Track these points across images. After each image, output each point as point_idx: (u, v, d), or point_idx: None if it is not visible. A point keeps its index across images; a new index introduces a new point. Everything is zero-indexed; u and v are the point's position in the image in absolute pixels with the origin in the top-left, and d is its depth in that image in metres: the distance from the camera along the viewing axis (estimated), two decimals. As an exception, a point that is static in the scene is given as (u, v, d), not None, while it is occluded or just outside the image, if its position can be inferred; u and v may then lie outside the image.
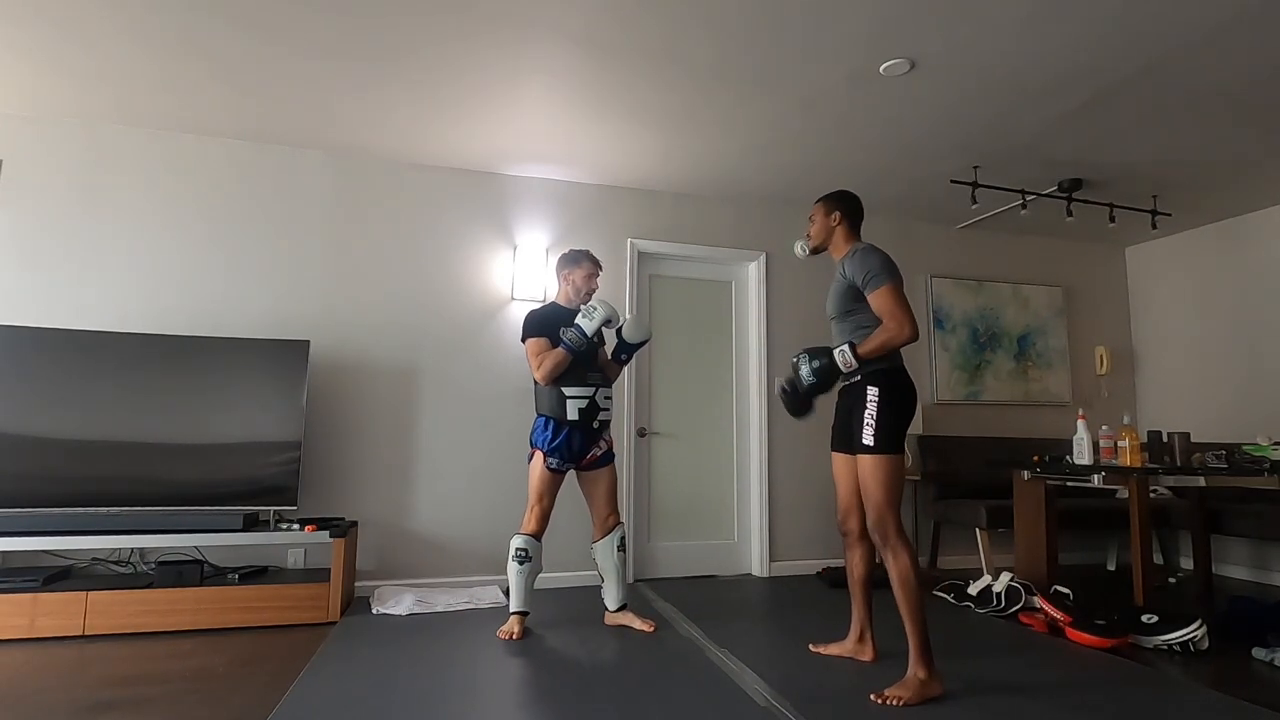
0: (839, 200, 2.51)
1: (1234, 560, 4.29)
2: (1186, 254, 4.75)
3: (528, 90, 2.98)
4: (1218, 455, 3.28)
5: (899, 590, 2.17)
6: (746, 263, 4.33)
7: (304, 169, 3.62)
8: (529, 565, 2.78)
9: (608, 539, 2.93)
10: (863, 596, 2.53)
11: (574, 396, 2.80)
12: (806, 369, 2.33)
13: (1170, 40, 2.54)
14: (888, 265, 2.29)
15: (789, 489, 4.17)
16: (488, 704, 2.07)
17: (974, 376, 4.67)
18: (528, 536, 2.79)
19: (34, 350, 2.97)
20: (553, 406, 2.82)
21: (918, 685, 2.11)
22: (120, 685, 2.20)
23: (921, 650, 2.13)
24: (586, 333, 2.76)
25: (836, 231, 2.49)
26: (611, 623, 2.96)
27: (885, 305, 2.24)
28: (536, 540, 2.81)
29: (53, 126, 3.31)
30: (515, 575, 2.79)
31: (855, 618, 2.55)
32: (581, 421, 2.82)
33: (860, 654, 2.52)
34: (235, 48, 2.69)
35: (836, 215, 2.48)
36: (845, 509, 2.51)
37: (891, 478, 2.22)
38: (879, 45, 2.61)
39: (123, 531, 2.85)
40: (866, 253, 2.34)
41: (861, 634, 2.53)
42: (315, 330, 3.53)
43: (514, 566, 2.78)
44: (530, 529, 2.81)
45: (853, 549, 2.52)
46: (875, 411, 2.24)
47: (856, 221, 2.51)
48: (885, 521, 2.21)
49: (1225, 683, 2.34)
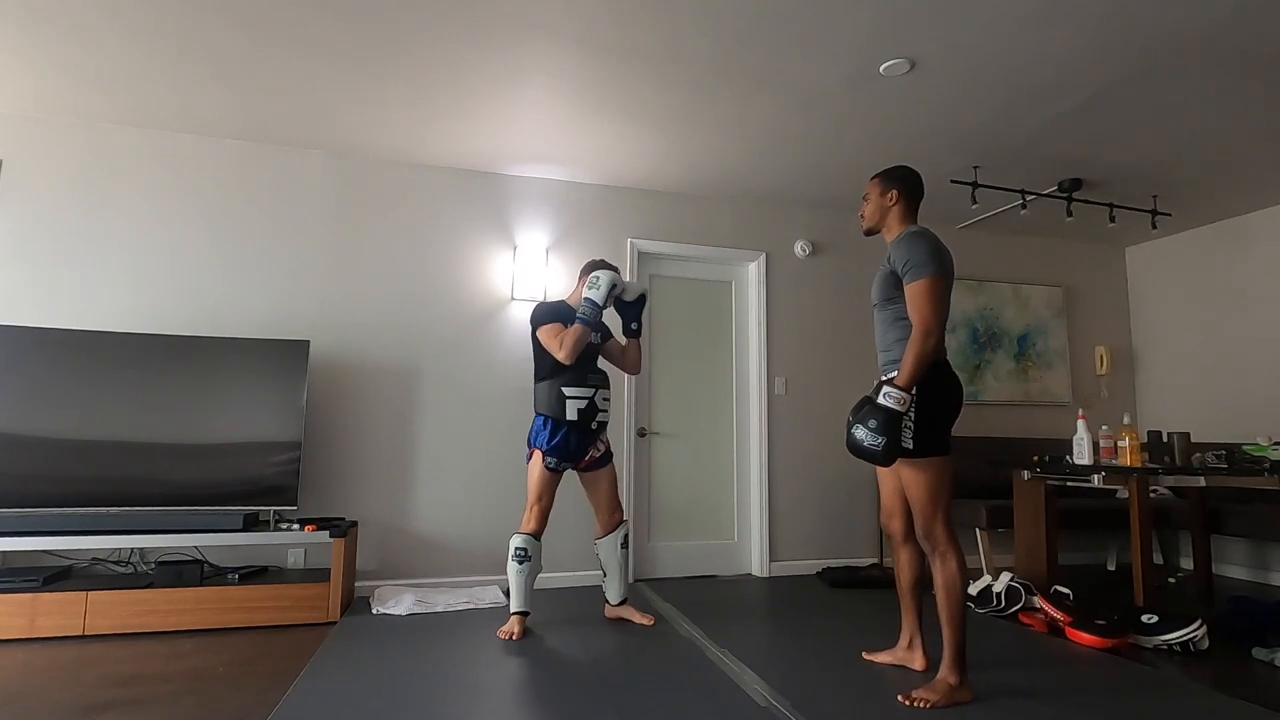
0: (898, 178, 2.28)
1: (1234, 560, 4.29)
2: (1186, 254, 4.75)
3: (528, 90, 2.98)
4: (1218, 455, 3.28)
5: (943, 596, 2.11)
6: (746, 263, 4.33)
7: (304, 169, 3.62)
8: (529, 565, 2.77)
9: (612, 536, 2.94)
10: (912, 602, 2.42)
11: (574, 396, 2.79)
12: (867, 436, 2.05)
13: (1170, 39, 2.54)
14: (934, 256, 2.09)
15: (789, 489, 4.16)
16: (488, 704, 2.07)
17: (974, 376, 4.67)
18: (527, 536, 2.78)
19: (34, 350, 2.97)
20: (552, 406, 2.80)
21: (948, 690, 2.07)
22: (120, 685, 2.20)
23: (956, 656, 2.09)
24: (598, 302, 2.73)
25: (892, 213, 2.28)
26: (612, 615, 3.01)
27: (915, 301, 2.08)
28: (536, 540, 2.79)
29: (53, 126, 3.31)
30: (515, 575, 2.78)
31: (905, 624, 2.44)
32: (580, 422, 2.80)
33: (911, 661, 2.41)
34: (235, 48, 2.69)
35: (894, 194, 2.27)
36: (888, 510, 2.42)
37: (936, 481, 2.10)
38: (879, 45, 2.61)
39: (123, 531, 2.85)
40: (914, 238, 2.15)
41: (911, 640, 2.43)
42: (315, 330, 3.53)
43: (514, 566, 2.77)
44: (530, 528, 2.80)
45: (898, 551, 2.42)
46: (914, 411, 2.08)
47: (915, 202, 2.28)
48: (933, 528, 2.11)
49: (1225, 683, 2.34)
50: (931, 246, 2.12)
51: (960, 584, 2.11)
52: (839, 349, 4.35)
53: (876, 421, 2.03)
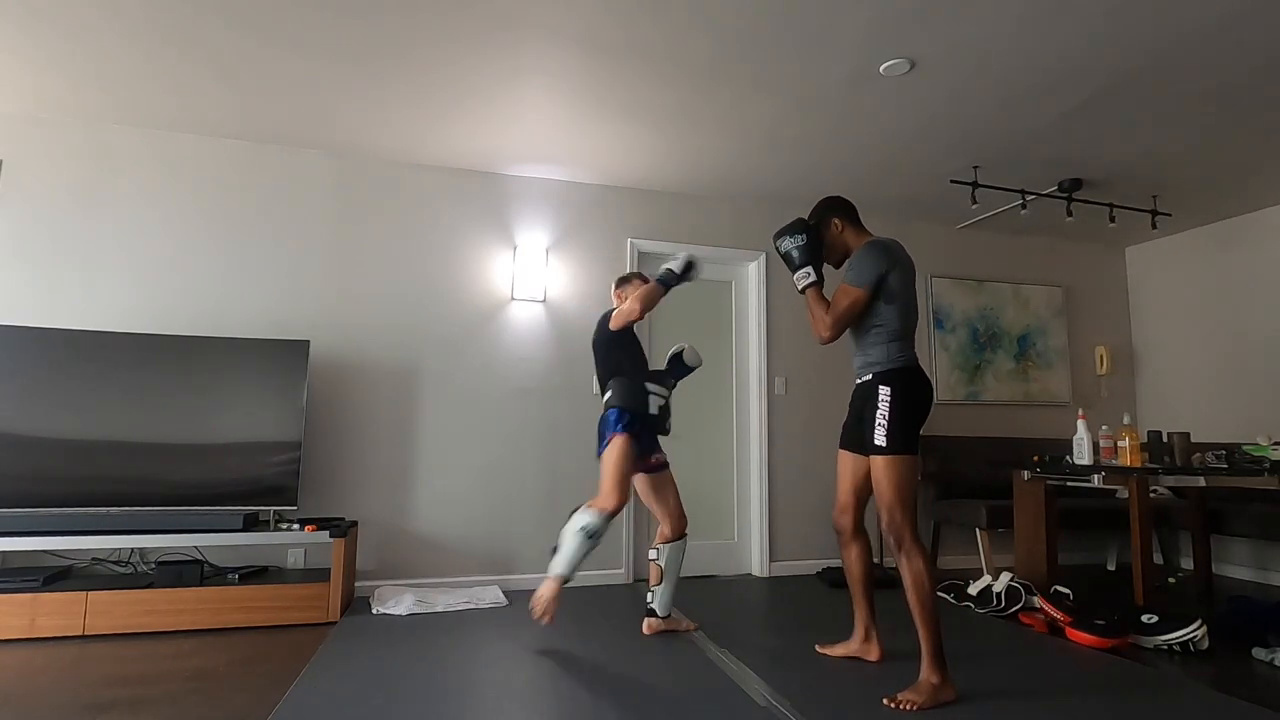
0: (830, 209, 2.49)
1: (1234, 560, 4.29)
2: (1186, 254, 4.75)
3: (528, 90, 2.98)
4: (1218, 455, 3.28)
5: (912, 594, 2.13)
6: (746, 263, 4.33)
7: (304, 169, 3.62)
8: (593, 543, 2.63)
9: (680, 541, 2.87)
10: (864, 595, 2.50)
11: (655, 393, 2.81)
12: (796, 249, 2.44)
13: (1170, 39, 2.54)
14: (873, 270, 2.26)
15: (789, 489, 4.16)
16: (487, 704, 2.07)
17: (974, 376, 4.67)
18: (608, 515, 2.61)
19: (34, 350, 2.96)
20: (634, 399, 2.75)
21: (931, 690, 2.08)
22: (120, 685, 2.20)
23: (935, 655, 2.11)
24: (676, 270, 2.80)
25: (845, 237, 2.46)
26: (655, 629, 2.84)
27: (838, 301, 2.30)
28: (609, 521, 2.64)
29: (53, 126, 3.31)
30: (578, 549, 2.60)
31: (859, 617, 2.52)
32: (658, 419, 2.81)
33: (866, 654, 2.49)
34: (235, 48, 2.69)
35: (836, 224, 2.47)
36: (840, 506, 2.49)
37: (905, 479, 2.17)
38: (879, 45, 2.61)
39: (123, 531, 2.84)
40: (868, 249, 2.31)
41: (866, 633, 2.50)
42: (315, 330, 3.53)
43: (581, 538, 2.59)
44: (613, 505, 2.62)
45: (846, 547, 2.51)
46: (888, 411, 2.19)
47: (855, 216, 2.48)
48: (899, 524, 2.16)
49: (1225, 683, 2.34)
50: (872, 259, 2.28)
51: (928, 580, 2.13)
52: (839, 349, 4.35)
53: (793, 245, 2.43)
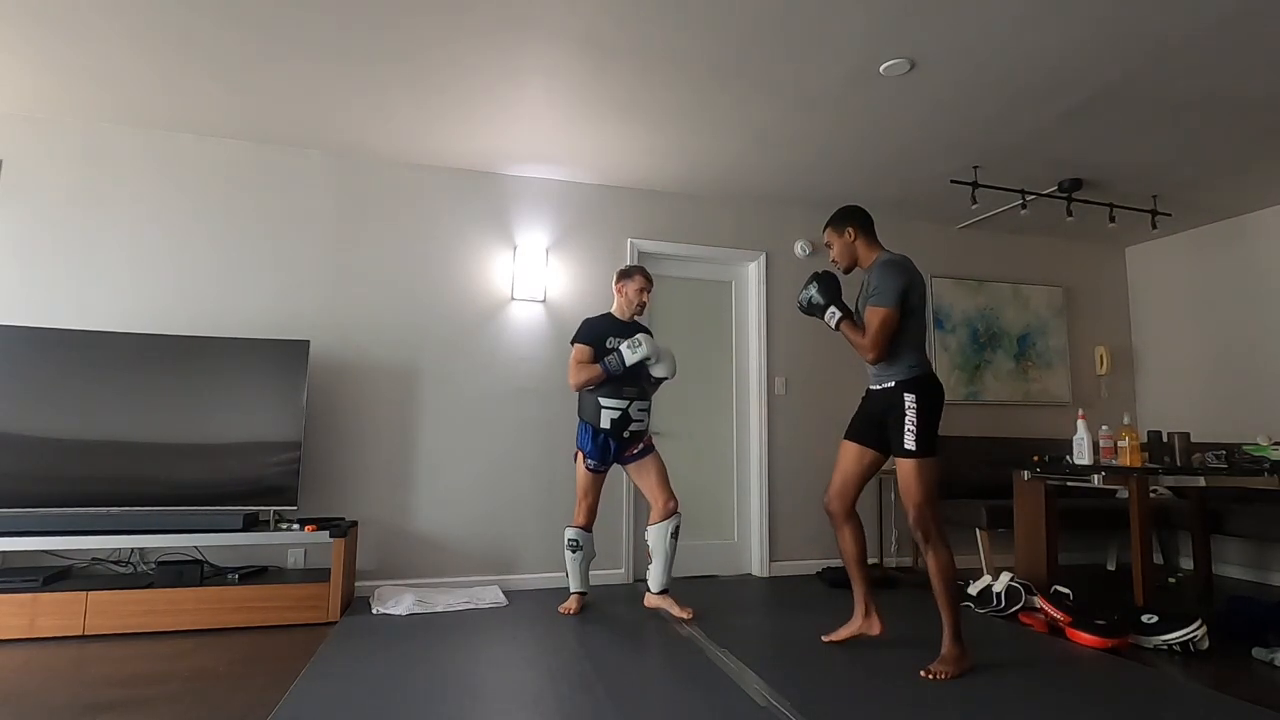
0: (847, 218, 2.61)
1: (1234, 560, 4.29)
2: (1186, 254, 4.75)
3: (528, 91, 2.98)
4: (1218, 455, 3.27)
5: (937, 581, 2.38)
6: (746, 263, 4.33)
7: (304, 169, 3.62)
8: (581, 553, 3.12)
9: (664, 523, 3.08)
10: (860, 573, 2.66)
11: (608, 407, 3.03)
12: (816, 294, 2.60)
13: (1170, 38, 2.54)
14: (896, 289, 2.40)
15: (789, 489, 4.16)
16: (488, 704, 2.07)
17: (974, 376, 4.67)
18: (578, 529, 3.12)
19: (34, 350, 2.96)
20: (590, 414, 3.07)
21: (955, 659, 2.35)
22: (120, 685, 2.20)
23: (955, 630, 2.38)
24: (625, 363, 3.00)
25: (857, 246, 2.59)
26: (651, 605, 3.17)
27: (869, 323, 2.44)
28: (586, 531, 3.12)
29: (53, 126, 3.31)
30: (569, 562, 3.14)
31: (858, 595, 2.68)
32: (613, 430, 3.05)
33: (869, 629, 2.65)
34: (235, 48, 2.69)
35: (850, 232, 2.59)
36: (835, 491, 2.62)
37: (930, 479, 2.39)
38: (879, 45, 2.61)
39: (123, 531, 2.85)
40: (887, 267, 2.45)
41: (867, 609, 2.66)
42: (315, 330, 3.53)
43: (567, 555, 3.13)
44: (579, 522, 3.12)
45: (840, 529, 2.65)
46: (915, 417, 2.39)
47: (871, 229, 2.60)
48: (927, 520, 2.38)
49: (1225, 683, 2.34)
50: (901, 280, 2.41)
51: (951, 569, 2.39)
52: (839, 349, 4.35)
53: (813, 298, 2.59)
